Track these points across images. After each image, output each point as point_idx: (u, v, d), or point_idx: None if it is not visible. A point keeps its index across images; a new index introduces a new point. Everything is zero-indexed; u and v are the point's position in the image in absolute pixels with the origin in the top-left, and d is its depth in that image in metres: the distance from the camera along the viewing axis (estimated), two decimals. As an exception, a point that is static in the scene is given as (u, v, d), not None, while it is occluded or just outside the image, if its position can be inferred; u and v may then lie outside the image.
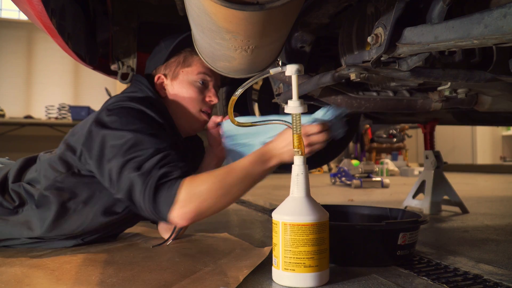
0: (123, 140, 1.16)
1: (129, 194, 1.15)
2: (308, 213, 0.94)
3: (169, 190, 1.11)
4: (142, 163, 1.14)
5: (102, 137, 1.19)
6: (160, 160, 1.15)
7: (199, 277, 1.03)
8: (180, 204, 1.10)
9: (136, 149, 1.16)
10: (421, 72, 1.11)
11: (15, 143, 8.05)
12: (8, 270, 1.09)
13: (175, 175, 1.14)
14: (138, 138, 1.17)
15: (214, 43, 0.99)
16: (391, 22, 0.96)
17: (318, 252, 0.94)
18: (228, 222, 2.07)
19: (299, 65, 0.99)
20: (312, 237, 0.93)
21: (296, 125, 0.99)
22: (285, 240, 0.95)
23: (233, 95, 1.02)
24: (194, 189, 1.11)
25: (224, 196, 1.13)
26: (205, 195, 1.11)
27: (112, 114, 1.22)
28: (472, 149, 9.42)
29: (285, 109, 1.01)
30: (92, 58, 1.70)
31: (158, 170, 1.13)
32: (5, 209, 1.28)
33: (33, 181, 1.32)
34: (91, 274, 1.06)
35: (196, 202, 1.10)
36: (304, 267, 0.93)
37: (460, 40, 0.85)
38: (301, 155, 1.00)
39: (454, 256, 1.31)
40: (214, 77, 1.44)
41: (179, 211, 1.10)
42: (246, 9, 0.74)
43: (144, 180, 1.12)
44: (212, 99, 1.42)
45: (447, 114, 2.17)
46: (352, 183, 4.53)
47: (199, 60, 1.40)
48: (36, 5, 1.02)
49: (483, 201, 3.00)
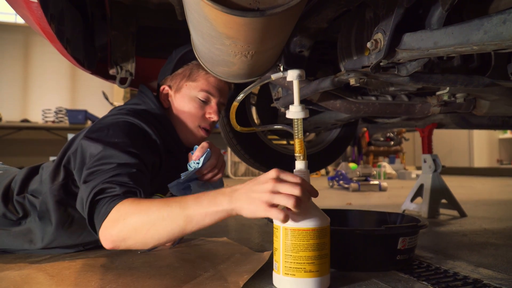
0: (95, 152, 1.14)
1: (81, 207, 1.08)
2: (309, 218, 0.94)
3: (102, 207, 1.02)
4: (96, 175, 1.07)
5: (83, 148, 1.19)
6: (114, 176, 1.07)
7: (199, 283, 1.03)
8: (105, 225, 0.99)
9: (101, 162, 1.10)
10: (420, 77, 1.11)
11: (12, 147, 8.03)
12: (7, 276, 1.08)
13: (114, 192, 1.03)
14: (108, 152, 1.13)
15: (214, 48, 1.00)
16: (390, 27, 0.96)
17: (319, 257, 0.94)
18: (227, 226, 2.07)
19: (300, 71, 0.99)
20: (313, 242, 0.93)
21: (298, 130, 0.99)
22: (286, 245, 0.94)
23: (235, 101, 1.02)
24: (123, 212, 0.98)
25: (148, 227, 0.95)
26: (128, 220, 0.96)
27: (102, 126, 1.22)
28: (469, 152, 9.44)
29: (286, 114, 1.00)
30: (91, 62, 1.70)
31: (102, 185, 1.04)
32: (8, 220, 1.28)
33: (36, 192, 1.31)
34: (91, 279, 1.06)
35: (119, 226, 0.97)
36: (304, 272, 0.93)
37: (460, 46, 0.85)
38: (303, 160, 0.99)
39: (454, 261, 1.31)
40: (219, 95, 1.42)
41: (103, 231, 1.00)
42: (247, 15, 0.75)
43: (88, 193, 1.04)
44: (212, 116, 1.40)
45: (445, 118, 2.17)
46: (350, 187, 4.53)
47: (204, 76, 1.39)
48: (35, 10, 1.02)
49: (481, 205, 3.00)
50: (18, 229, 1.29)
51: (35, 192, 1.31)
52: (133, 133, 1.23)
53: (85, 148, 1.18)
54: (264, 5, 0.75)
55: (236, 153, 2.43)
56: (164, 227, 0.95)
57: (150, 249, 1.39)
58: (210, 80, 1.39)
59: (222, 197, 0.92)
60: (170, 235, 0.96)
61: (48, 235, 1.28)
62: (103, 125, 1.22)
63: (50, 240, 1.28)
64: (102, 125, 1.23)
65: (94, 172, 1.09)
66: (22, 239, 1.29)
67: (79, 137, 1.29)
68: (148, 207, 0.96)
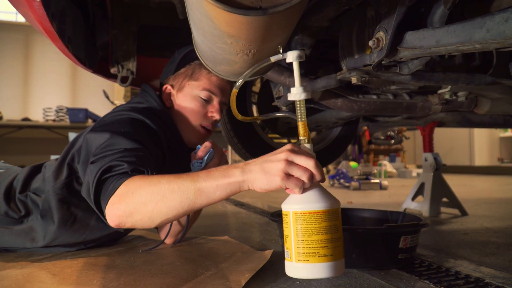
0: (102, 141, 1.12)
1: (87, 190, 1.04)
2: (319, 200, 0.89)
3: (110, 184, 0.99)
4: (102, 159, 1.05)
5: (88, 141, 1.18)
6: (121, 156, 1.05)
7: (200, 281, 1.03)
8: (112, 201, 0.96)
9: (108, 148, 1.09)
10: (422, 76, 1.11)
11: (13, 145, 8.04)
12: (9, 275, 1.08)
13: (121, 170, 1.01)
14: (115, 139, 1.11)
15: (216, 47, 0.99)
16: (392, 26, 0.96)
17: (332, 240, 0.89)
18: (228, 224, 2.07)
19: (300, 51, 0.93)
20: (325, 225, 0.88)
21: (300, 112, 0.94)
22: (297, 230, 0.90)
23: (234, 87, 1.00)
24: (131, 186, 0.96)
25: (156, 200, 0.92)
26: (136, 194, 0.94)
27: (106, 122, 1.22)
28: (470, 150, 9.44)
29: (288, 96, 0.97)
30: (92, 61, 1.70)
31: (109, 163, 1.02)
32: (11, 218, 1.28)
33: (38, 190, 1.31)
34: (93, 278, 1.06)
35: (126, 200, 0.94)
36: (318, 257, 0.88)
37: (462, 45, 0.85)
38: (308, 143, 0.94)
39: (455, 259, 1.31)
40: (221, 94, 1.42)
41: (109, 207, 0.96)
42: (249, 14, 0.75)
43: (96, 172, 1.02)
44: (214, 115, 1.40)
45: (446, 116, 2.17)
46: (350, 185, 4.53)
47: (207, 75, 1.38)
48: (37, 9, 1.02)
49: (482, 203, 3.00)
50: (20, 228, 1.29)
51: (38, 191, 1.31)
52: (138, 126, 1.22)
53: (90, 141, 1.17)
54: (266, 3, 0.75)
55: (237, 152, 2.43)
56: (173, 200, 0.91)
57: (151, 248, 1.39)
58: (212, 79, 1.39)
59: (234, 169, 0.90)
60: (179, 208, 0.92)
61: (50, 234, 1.28)
62: (107, 121, 1.22)
63: (52, 238, 1.28)
64: (106, 121, 1.22)
65: (101, 157, 1.06)
66: (24, 238, 1.29)
67: (82, 135, 1.29)
68: (158, 181, 0.94)
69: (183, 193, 0.91)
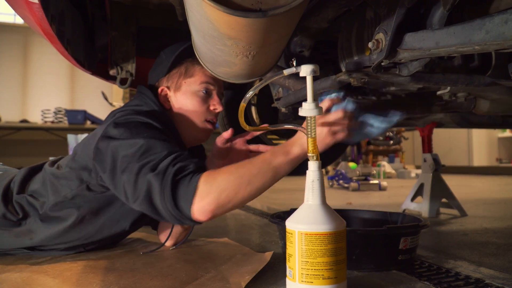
0: (135, 148, 1.12)
1: (148, 198, 1.08)
2: (325, 222, 0.89)
3: (188, 184, 1.05)
4: (157, 164, 1.09)
5: (113, 149, 1.15)
6: (174, 159, 1.10)
7: (200, 284, 1.03)
8: (199, 197, 1.04)
9: (149, 153, 1.11)
10: (421, 77, 1.11)
11: (11, 147, 8.02)
12: (9, 278, 1.08)
13: (191, 168, 1.09)
14: (150, 143, 1.13)
15: (215, 49, 0.99)
16: (392, 27, 0.96)
17: (337, 262, 0.89)
18: (227, 226, 2.07)
19: (314, 66, 0.93)
20: (330, 247, 0.88)
21: (311, 129, 0.95)
22: (302, 251, 0.89)
23: (243, 101, 1.01)
24: (212, 180, 1.04)
25: (244, 186, 1.04)
26: (223, 186, 1.04)
27: (119, 127, 1.19)
28: (468, 151, 9.45)
29: (299, 111, 0.97)
30: (91, 63, 1.70)
31: (173, 167, 1.07)
32: (8, 220, 1.27)
33: (36, 193, 1.30)
34: (92, 281, 1.05)
35: (215, 193, 1.03)
36: (322, 279, 0.88)
37: (462, 46, 0.85)
38: (316, 160, 0.95)
39: (455, 260, 1.31)
40: (217, 85, 1.42)
41: (198, 204, 1.04)
42: (249, 16, 0.75)
43: (162, 179, 1.06)
44: (217, 107, 1.40)
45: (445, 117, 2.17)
46: (349, 186, 4.53)
47: (201, 70, 1.38)
48: (36, 12, 1.02)
49: (481, 204, 3.01)
50: (19, 229, 1.28)
51: (36, 193, 1.30)
52: (155, 129, 1.22)
53: (115, 149, 1.15)
54: (266, 6, 0.75)
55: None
56: (257, 182, 1.05)
57: (152, 250, 1.39)
58: (206, 72, 1.38)
59: (293, 146, 1.07)
60: (262, 189, 1.07)
61: (52, 235, 1.28)
62: (120, 126, 1.19)
63: (53, 238, 1.28)
64: (119, 126, 1.19)
65: (147, 164, 1.09)
66: (23, 237, 1.29)
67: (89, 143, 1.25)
68: (236, 170, 1.06)
69: (264, 174, 1.06)
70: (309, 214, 0.92)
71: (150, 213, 1.10)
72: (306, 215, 0.92)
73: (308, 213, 0.93)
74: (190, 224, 1.11)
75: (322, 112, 0.97)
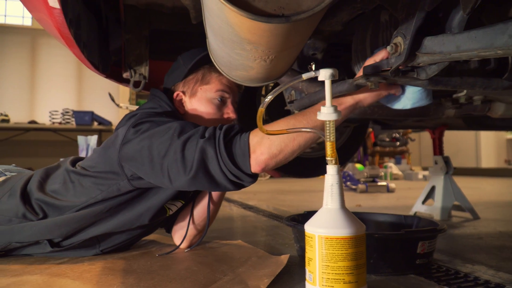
0: (170, 131, 1.15)
1: (204, 165, 1.10)
2: (346, 226, 0.89)
3: (240, 140, 1.11)
4: (203, 133, 1.13)
5: (145, 142, 1.16)
6: (215, 127, 1.15)
7: (219, 287, 1.03)
8: (252, 150, 1.09)
9: (186, 131, 1.15)
10: (439, 81, 1.10)
11: (20, 148, 8.07)
12: (30, 279, 1.09)
13: (237, 128, 1.16)
14: (182, 124, 1.18)
15: (234, 53, 0.99)
16: (411, 31, 0.96)
17: (357, 267, 0.89)
18: (238, 228, 2.07)
19: (333, 70, 0.94)
20: (351, 251, 0.88)
21: (329, 132, 0.94)
22: (322, 255, 0.89)
23: (261, 107, 1.01)
24: (261, 133, 1.09)
25: (293, 136, 1.10)
26: (273, 137, 1.09)
27: (142, 124, 1.21)
28: (476, 152, 9.40)
29: (318, 115, 0.97)
30: (105, 66, 1.70)
31: (220, 130, 1.13)
32: (28, 220, 1.27)
33: (56, 192, 1.31)
34: (112, 283, 1.06)
35: (266, 144, 1.09)
36: (343, 283, 0.88)
37: (483, 50, 0.84)
38: (335, 164, 0.94)
39: (473, 264, 1.30)
40: (232, 94, 1.43)
41: (252, 156, 1.09)
42: (272, 22, 0.75)
43: (214, 142, 1.10)
44: (231, 116, 1.41)
45: (457, 119, 2.16)
46: (357, 188, 4.52)
47: (217, 77, 1.40)
48: (57, 16, 1.03)
49: (492, 206, 2.99)
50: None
51: (55, 193, 1.31)
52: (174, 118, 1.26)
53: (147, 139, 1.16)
54: (289, 11, 0.75)
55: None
56: (308, 134, 1.10)
57: (167, 252, 1.40)
58: (223, 80, 1.41)
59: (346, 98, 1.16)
60: (315, 139, 1.12)
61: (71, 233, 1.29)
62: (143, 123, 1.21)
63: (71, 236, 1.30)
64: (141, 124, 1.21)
65: (189, 138, 1.13)
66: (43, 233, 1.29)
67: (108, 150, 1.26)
68: (286, 122, 1.12)
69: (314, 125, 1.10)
70: (329, 218, 0.92)
71: (205, 183, 1.13)
72: (326, 219, 0.92)
73: (328, 217, 0.92)
74: (247, 181, 1.14)
75: (341, 116, 0.97)
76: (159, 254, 1.38)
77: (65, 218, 1.26)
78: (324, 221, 0.92)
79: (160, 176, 1.16)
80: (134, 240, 1.43)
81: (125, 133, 1.21)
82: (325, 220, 0.92)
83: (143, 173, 1.19)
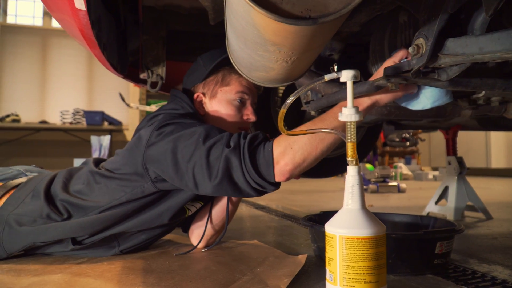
0: (195, 136, 1.16)
1: (228, 174, 1.12)
2: (367, 226, 0.90)
3: (264, 150, 1.12)
4: (227, 141, 1.15)
5: (170, 145, 1.17)
6: (240, 135, 1.16)
7: (239, 286, 1.04)
8: (276, 160, 1.10)
9: (211, 136, 1.16)
10: (459, 82, 1.11)
11: (31, 148, 8.15)
12: (51, 279, 1.10)
13: (261, 137, 1.16)
14: (207, 128, 1.19)
15: (256, 54, 1.00)
16: (434, 33, 0.96)
17: (378, 267, 0.89)
18: (252, 228, 2.08)
19: (355, 71, 0.94)
20: (372, 251, 0.89)
21: (351, 133, 0.95)
22: (343, 255, 0.90)
23: (283, 108, 1.01)
24: (285, 142, 1.10)
25: (316, 144, 1.11)
26: (296, 146, 1.10)
27: (167, 126, 1.22)
28: (486, 152, 9.33)
29: (339, 117, 0.97)
30: (123, 67, 1.72)
31: (244, 139, 1.14)
32: (53, 220, 1.29)
33: (80, 193, 1.32)
34: (133, 283, 1.07)
35: (289, 154, 1.10)
36: (364, 283, 0.88)
37: (507, 52, 0.85)
38: (355, 165, 0.95)
39: (489, 264, 1.30)
40: (252, 95, 1.44)
41: (276, 167, 1.10)
42: (299, 24, 0.75)
43: (239, 152, 1.12)
44: (250, 117, 1.42)
45: (471, 120, 2.15)
46: (368, 188, 4.52)
47: (237, 79, 1.41)
48: (81, 18, 1.04)
49: (504, 207, 2.98)
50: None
51: (80, 193, 1.32)
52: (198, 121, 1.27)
53: (171, 143, 1.18)
54: (316, 13, 0.75)
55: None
56: (330, 138, 1.11)
57: (185, 252, 1.41)
58: (243, 82, 1.41)
59: (363, 99, 1.16)
60: (336, 143, 1.12)
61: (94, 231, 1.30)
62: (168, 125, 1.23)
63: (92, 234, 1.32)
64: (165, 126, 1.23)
65: (214, 144, 1.14)
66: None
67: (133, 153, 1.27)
68: (305, 127, 1.10)
69: None
70: (350, 218, 0.93)
71: (229, 190, 1.14)
72: (347, 219, 0.93)
73: (348, 217, 0.93)
74: (270, 189, 1.15)
75: (362, 118, 0.97)
76: (177, 253, 1.40)
77: (89, 219, 1.27)
78: (345, 221, 0.92)
79: (185, 180, 1.17)
80: (153, 240, 1.44)
81: (149, 135, 1.22)
82: (346, 220, 0.92)
83: (167, 176, 1.21)
